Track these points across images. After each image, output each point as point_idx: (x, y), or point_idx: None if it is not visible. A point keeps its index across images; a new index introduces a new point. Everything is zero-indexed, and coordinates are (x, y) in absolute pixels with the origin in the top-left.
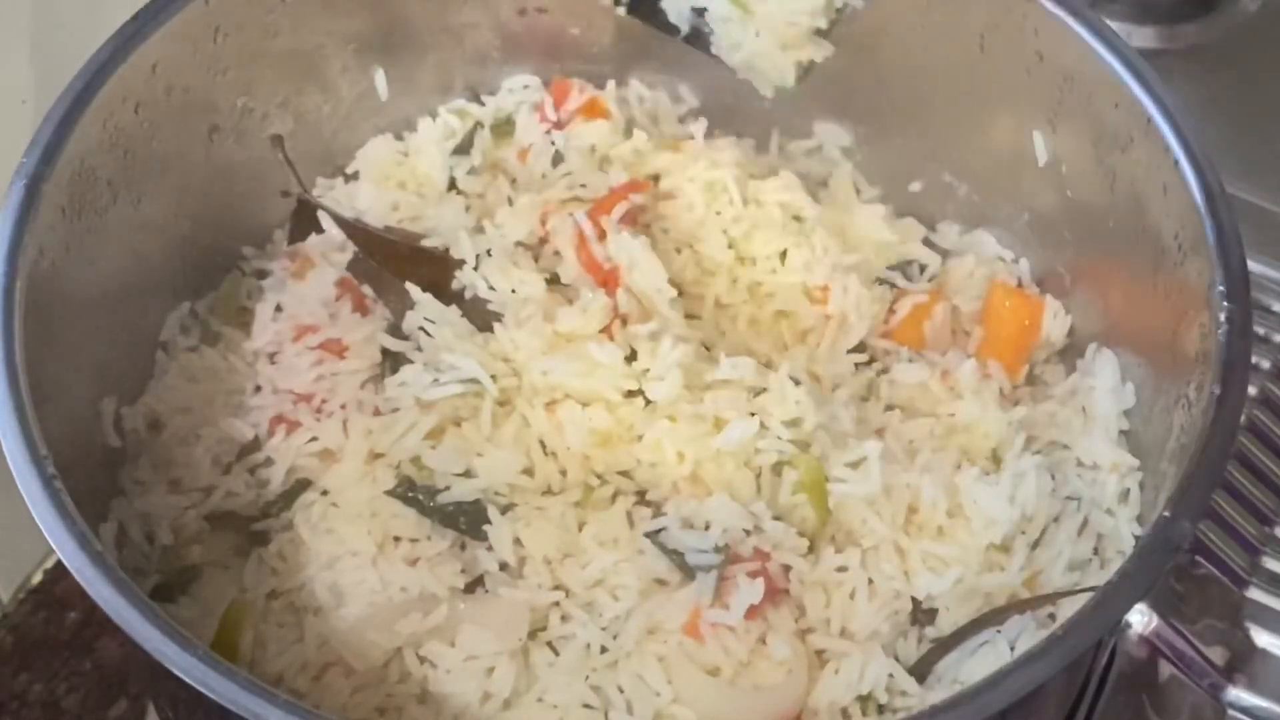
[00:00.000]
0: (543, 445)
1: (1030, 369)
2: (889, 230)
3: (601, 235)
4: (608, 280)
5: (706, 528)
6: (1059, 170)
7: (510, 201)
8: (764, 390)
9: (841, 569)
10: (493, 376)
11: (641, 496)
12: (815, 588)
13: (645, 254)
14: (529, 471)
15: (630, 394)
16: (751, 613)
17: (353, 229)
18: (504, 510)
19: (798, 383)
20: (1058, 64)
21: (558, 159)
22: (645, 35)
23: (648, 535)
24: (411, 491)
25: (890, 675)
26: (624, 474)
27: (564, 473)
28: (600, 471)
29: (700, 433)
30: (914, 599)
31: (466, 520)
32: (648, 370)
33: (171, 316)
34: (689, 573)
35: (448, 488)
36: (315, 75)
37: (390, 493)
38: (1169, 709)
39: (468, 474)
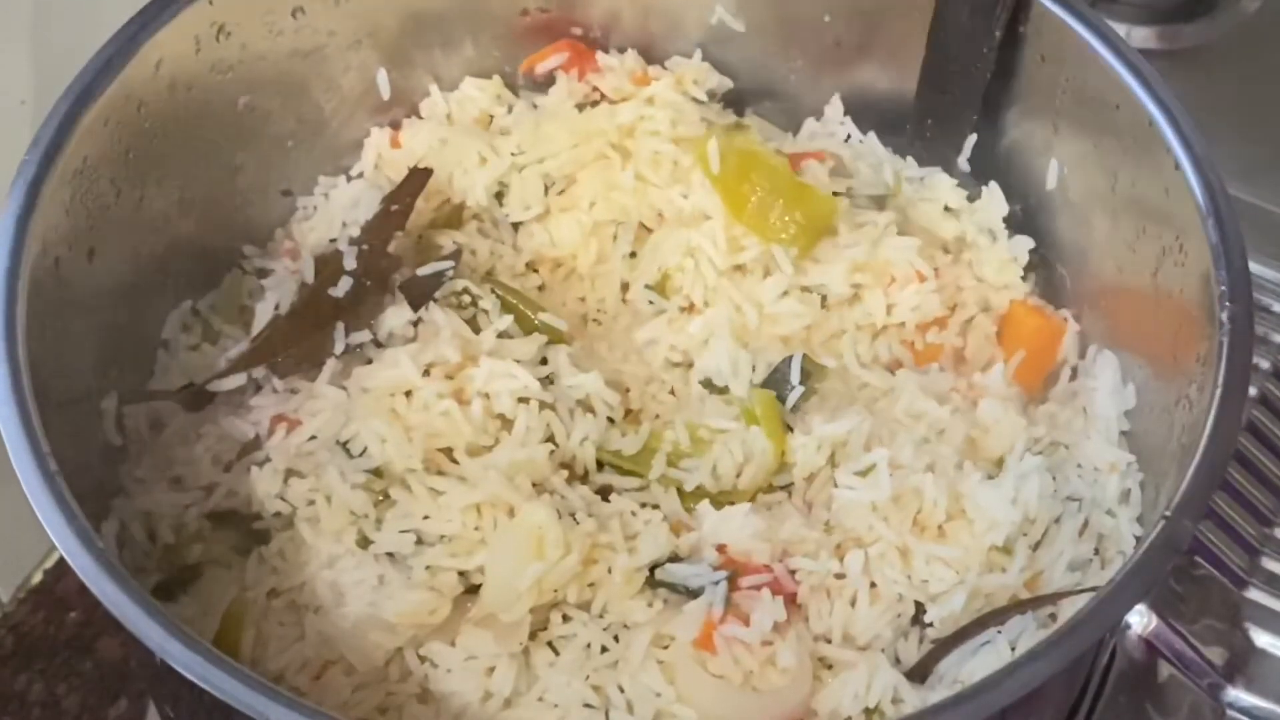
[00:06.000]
0: None
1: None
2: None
3: None
4: None
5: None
6: (1060, 171)
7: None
8: None
9: (840, 575)
10: None
11: None
12: (819, 592)
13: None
14: None
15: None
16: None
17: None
18: None
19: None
20: (1058, 65)
21: None
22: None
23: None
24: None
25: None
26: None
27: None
28: None
29: None
30: (917, 602)
31: None
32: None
33: (173, 315)
34: (694, 594)
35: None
36: (318, 74)
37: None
38: (1169, 709)
39: None
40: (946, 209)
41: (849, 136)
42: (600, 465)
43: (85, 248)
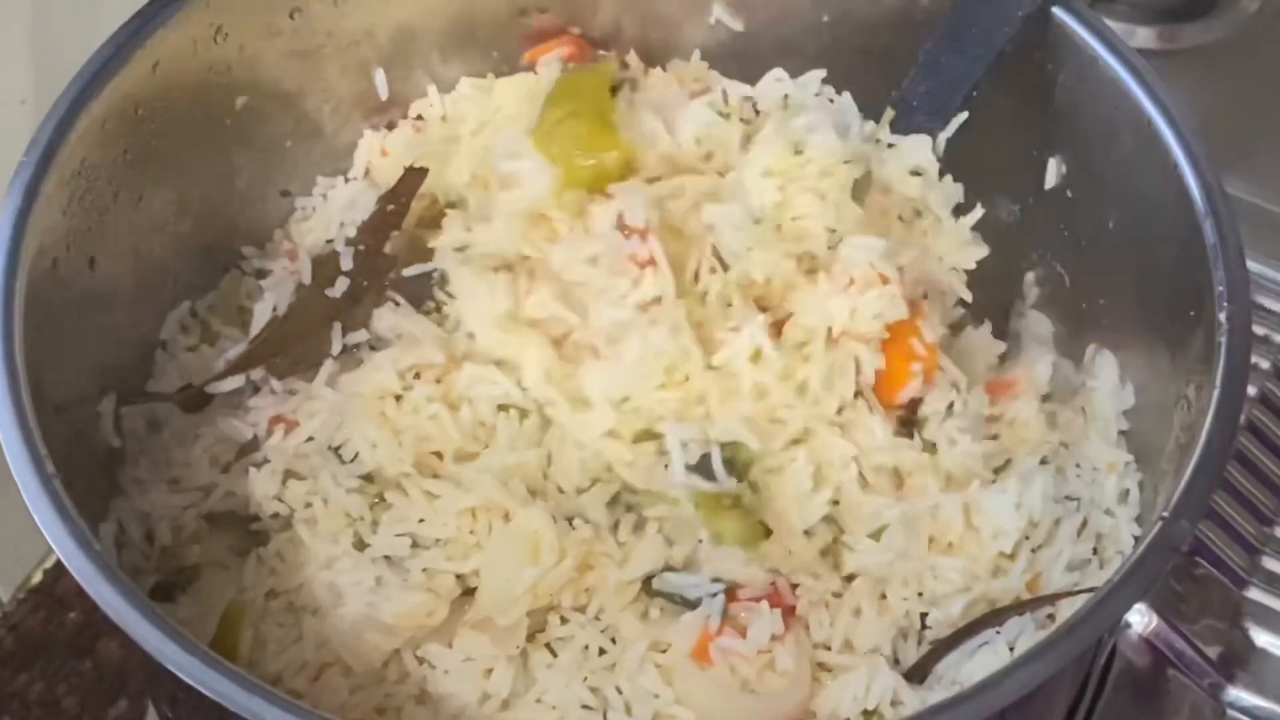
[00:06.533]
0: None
1: None
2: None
3: None
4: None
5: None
6: (1059, 171)
7: None
8: None
9: (838, 595)
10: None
11: None
12: (819, 605)
13: None
14: None
15: None
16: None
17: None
18: None
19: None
20: (1057, 64)
21: None
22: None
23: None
24: None
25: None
26: None
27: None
28: None
29: None
30: (923, 614)
31: None
32: None
33: (171, 316)
34: (691, 605)
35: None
36: (316, 75)
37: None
38: (1169, 709)
39: None
40: (915, 173)
41: (819, 93)
42: None
43: (83, 249)
